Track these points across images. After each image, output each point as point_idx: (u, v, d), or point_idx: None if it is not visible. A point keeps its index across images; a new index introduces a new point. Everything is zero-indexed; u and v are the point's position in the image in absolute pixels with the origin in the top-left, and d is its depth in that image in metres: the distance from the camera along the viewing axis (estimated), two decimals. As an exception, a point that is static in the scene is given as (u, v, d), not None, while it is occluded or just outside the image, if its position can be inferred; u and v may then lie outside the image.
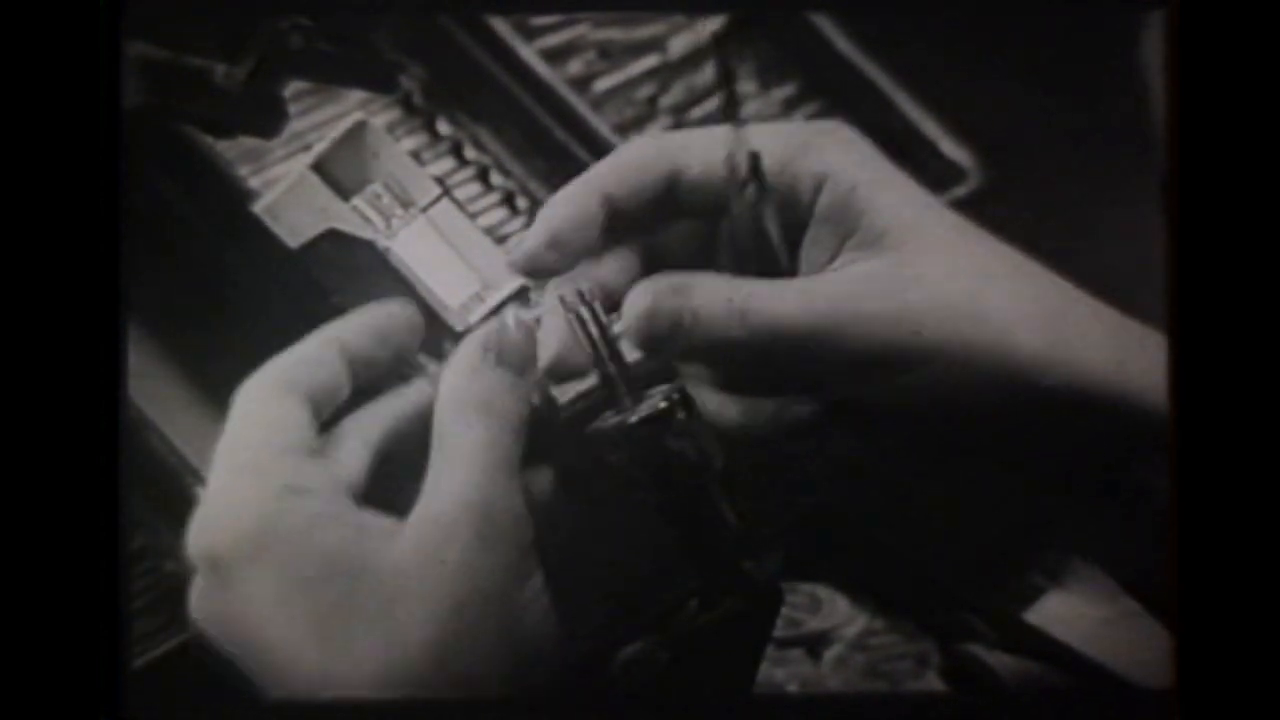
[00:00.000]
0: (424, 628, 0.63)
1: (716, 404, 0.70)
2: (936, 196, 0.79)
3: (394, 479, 0.68)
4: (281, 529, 0.64)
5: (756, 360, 0.67)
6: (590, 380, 0.70)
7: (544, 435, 0.69)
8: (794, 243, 0.69)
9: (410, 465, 0.67)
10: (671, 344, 0.67)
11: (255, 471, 0.66)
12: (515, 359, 0.67)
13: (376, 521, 0.65)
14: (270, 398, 0.68)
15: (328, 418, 0.69)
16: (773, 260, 0.68)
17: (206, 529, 0.65)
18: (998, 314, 0.66)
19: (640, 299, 0.67)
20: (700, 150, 0.69)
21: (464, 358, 0.68)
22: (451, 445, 0.66)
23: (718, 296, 0.67)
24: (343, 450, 0.68)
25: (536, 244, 0.68)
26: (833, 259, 0.68)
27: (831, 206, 0.68)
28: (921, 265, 0.67)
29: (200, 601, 0.66)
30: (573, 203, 0.68)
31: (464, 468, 0.65)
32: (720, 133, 0.68)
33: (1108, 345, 0.67)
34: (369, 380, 0.70)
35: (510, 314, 0.69)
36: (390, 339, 0.70)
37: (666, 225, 0.70)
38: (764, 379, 0.69)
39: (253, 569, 0.64)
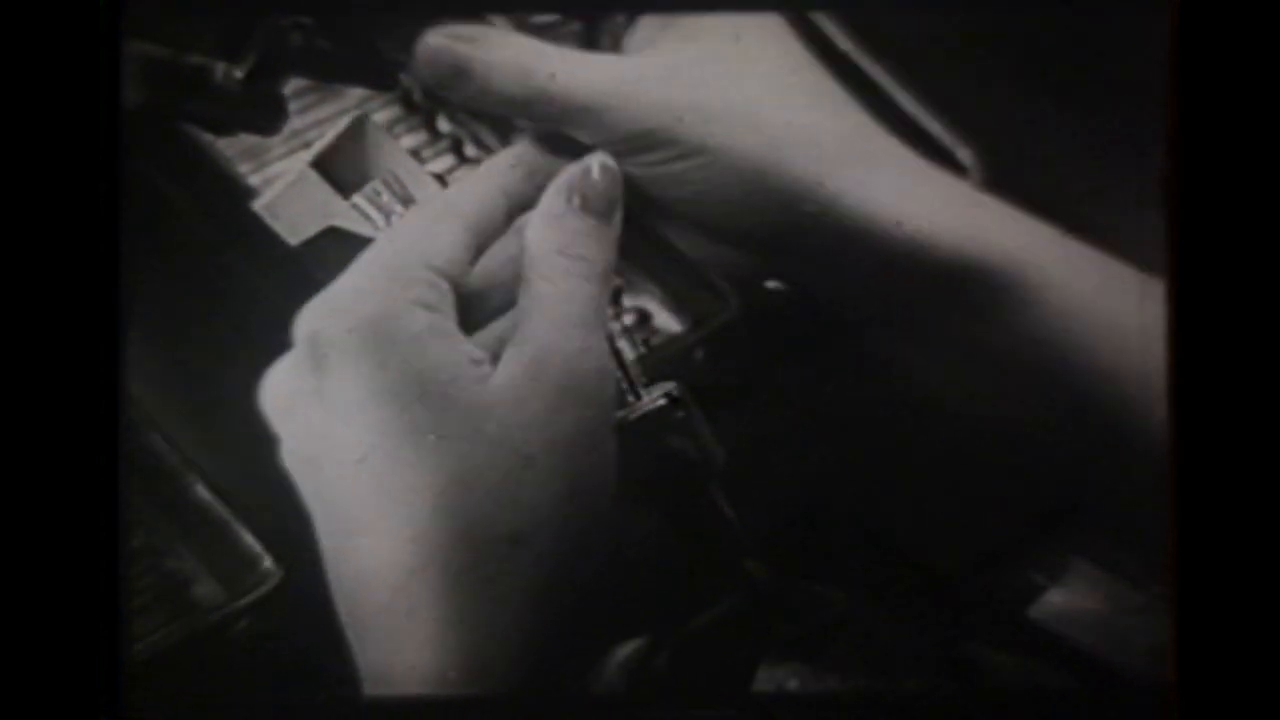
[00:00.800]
0: (490, 473, 0.63)
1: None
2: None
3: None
4: (398, 335, 0.63)
5: (532, 120, 0.69)
6: None
7: None
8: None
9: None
10: (452, 90, 0.69)
11: (393, 275, 0.65)
12: (600, 205, 0.67)
13: (480, 359, 0.65)
14: (436, 216, 0.67)
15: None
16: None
17: (321, 311, 0.65)
18: (778, 130, 0.68)
19: (434, 39, 0.69)
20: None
21: (548, 204, 0.67)
22: (536, 294, 0.65)
23: (505, 52, 0.69)
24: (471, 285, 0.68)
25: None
26: (652, 43, 0.70)
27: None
28: (720, 64, 0.69)
29: (280, 378, 0.66)
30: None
31: (547, 319, 0.65)
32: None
33: (903, 191, 0.69)
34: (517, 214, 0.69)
35: (595, 159, 0.68)
36: (537, 175, 0.69)
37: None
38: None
39: (352, 361, 0.64)
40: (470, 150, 0.93)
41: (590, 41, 0.72)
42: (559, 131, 0.69)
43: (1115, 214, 0.77)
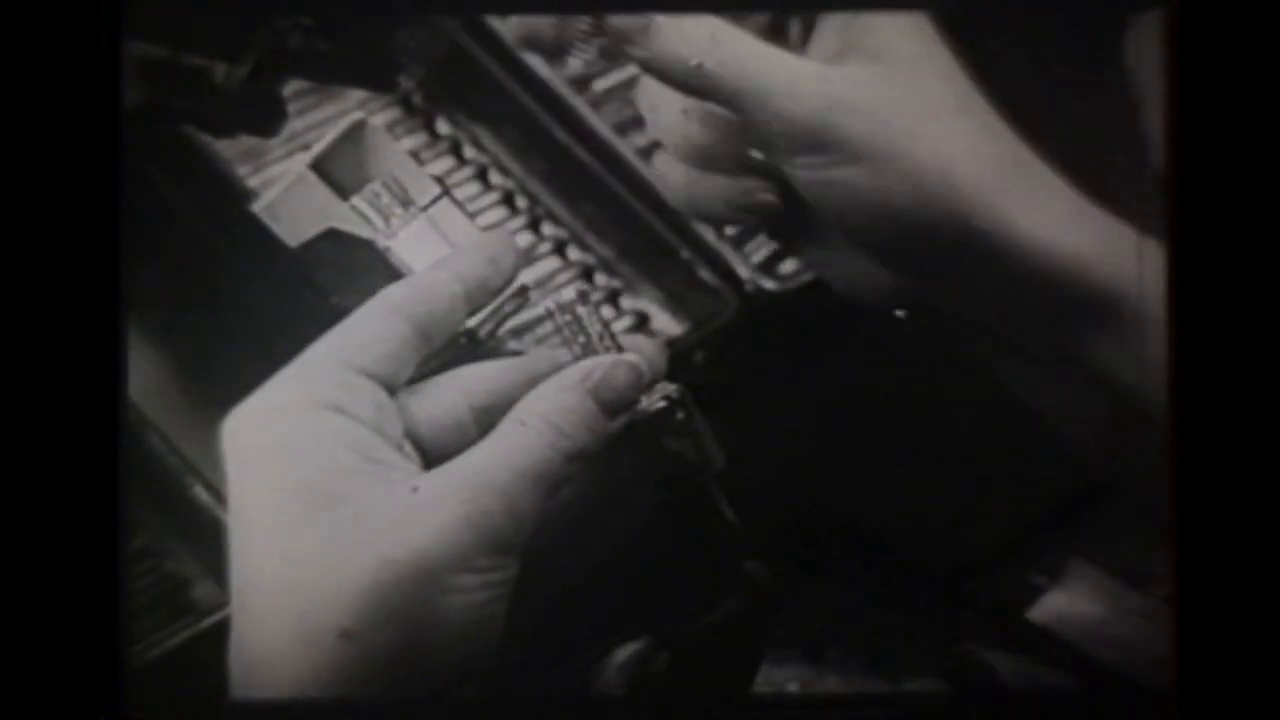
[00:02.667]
0: (370, 570, 0.62)
1: (674, 172, 0.72)
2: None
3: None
4: (300, 439, 0.63)
5: (709, 89, 0.69)
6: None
7: None
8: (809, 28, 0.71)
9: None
10: (634, 43, 0.69)
11: (309, 378, 0.65)
12: (609, 398, 0.66)
13: (406, 467, 0.64)
14: (376, 314, 0.67)
15: (437, 349, 0.68)
16: None
17: (240, 411, 0.65)
18: (952, 145, 0.69)
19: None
20: None
21: (565, 373, 0.66)
22: (501, 434, 0.65)
23: (699, 23, 0.69)
24: (432, 395, 0.67)
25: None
26: (836, 56, 0.70)
27: (844, 17, 0.70)
28: (897, 90, 0.69)
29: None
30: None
31: (499, 460, 0.64)
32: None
33: (1061, 218, 0.69)
34: (478, 307, 0.69)
35: (627, 358, 0.68)
36: (500, 261, 0.69)
37: None
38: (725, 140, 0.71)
39: (257, 462, 0.64)
40: (469, 152, 0.93)
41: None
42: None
43: (1115, 214, 0.77)
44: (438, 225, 0.72)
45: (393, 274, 0.72)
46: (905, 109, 0.69)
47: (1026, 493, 0.82)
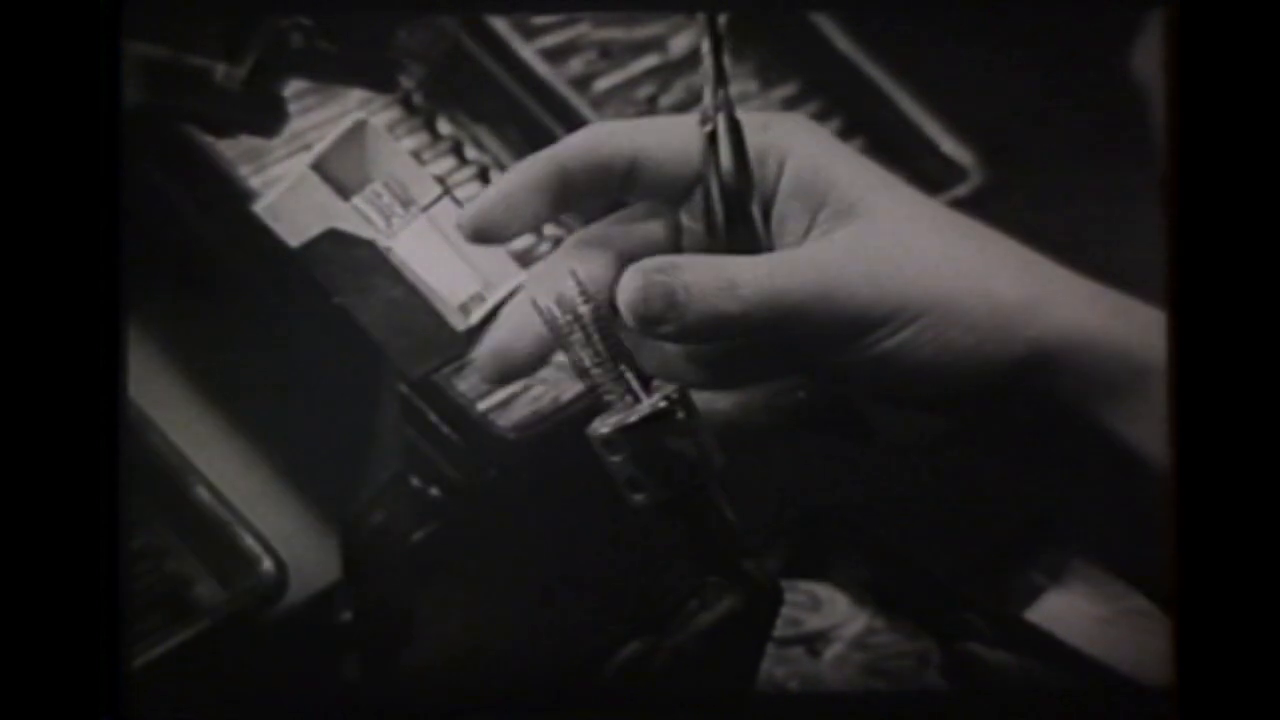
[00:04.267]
0: None
1: (707, 400, 0.70)
2: (937, 196, 0.80)
3: None
4: None
5: (749, 335, 0.68)
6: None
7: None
8: (764, 219, 0.70)
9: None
10: (667, 322, 0.68)
11: None
12: None
13: None
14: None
15: None
16: (754, 237, 0.69)
17: None
18: (976, 266, 0.68)
19: (632, 279, 0.68)
20: (668, 137, 0.70)
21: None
22: None
23: (707, 271, 0.68)
24: None
25: (487, 202, 0.68)
26: (807, 232, 0.69)
27: (798, 181, 0.69)
28: (896, 229, 0.68)
29: None
30: (527, 169, 0.69)
31: None
32: (688, 120, 0.69)
33: (1084, 298, 0.68)
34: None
35: None
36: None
37: (624, 204, 0.71)
38: (756, 358, 0.70)
39: None
40: (470, 153, 0.93)
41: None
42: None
43: (1115, 214, 0.77)
44: (439, 225, 0.72)
45: (393, 274, 0.72)
46: (915, 255, 0.68)
47: (1027, 493, 0.82)
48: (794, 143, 0.69)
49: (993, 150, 0.89)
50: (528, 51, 0.93)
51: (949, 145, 0.91)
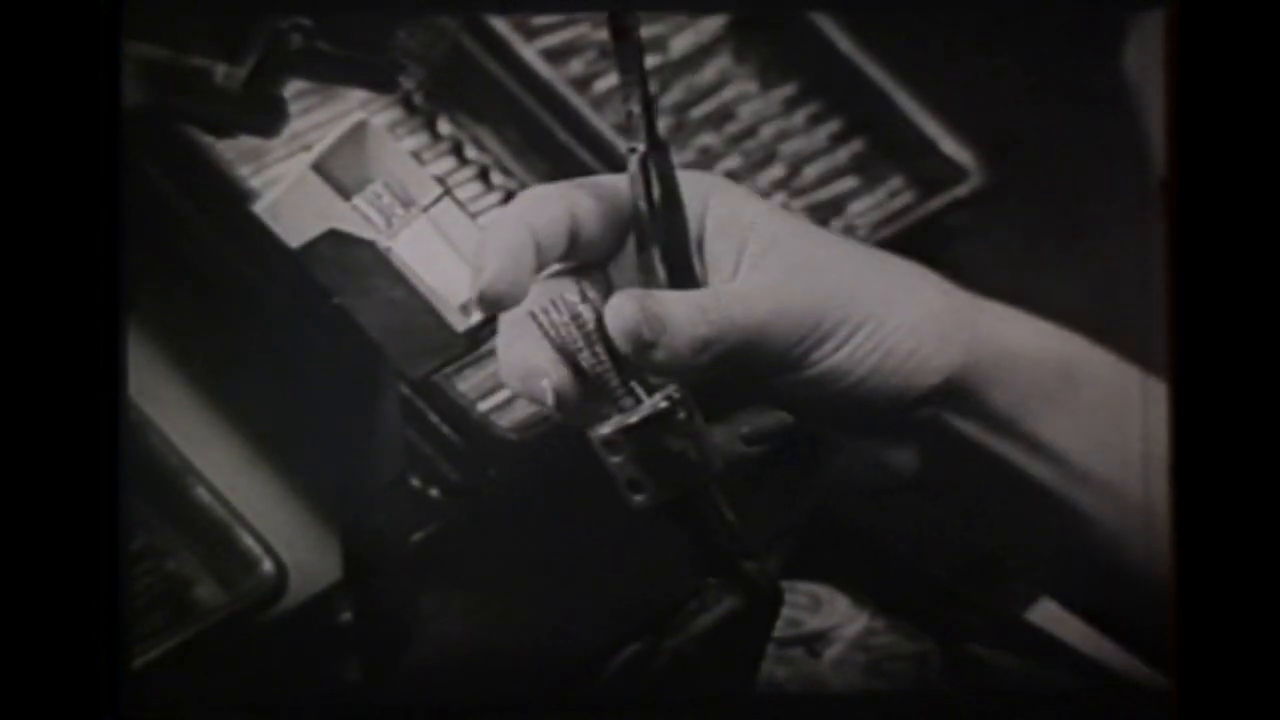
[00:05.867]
0: None
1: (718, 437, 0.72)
2: (938, 196, 0.80)
3: None
4: None
5: (718, 364, 0.70)
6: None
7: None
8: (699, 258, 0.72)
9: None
10: (658, 347, 0.69)
11: None
12: None
13: None
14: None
15: None
16: (692, 277, 0.71)
17: None
18: (904, 280, 0.72)
19: (627, 304, 0.69)
20: (600, 196, 0.72)
21: None
22: None
23: (679, 301, 0.70)
24: None
25: (493, 277, 0.69)
26: (736, 268, 0.71)
27: (720, 223, 0.71)
28: (821, 254, 0.71)
29: None
30: (507, 236, 0.70)
31: None
32: (611, 179, 0.72)
33: (1005, 313, 0.72)
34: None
35: None
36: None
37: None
38: (723, 389, 0.72)
39: None
40: (471, 153, 0.93)
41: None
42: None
43: (1115, 214, 0.77)
44: (439, 225, 0.72)
45: (394, 275, 0.72)
46: (840, 273, 0.71)
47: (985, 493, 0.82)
48: (709, 189, 0.72)
49: (993, 150, 0.89)
50: (528, 52, 0.93)
51: (949, 145, 0.91)
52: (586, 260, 0.71)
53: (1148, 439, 0.71)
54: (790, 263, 0.71)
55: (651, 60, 0.97)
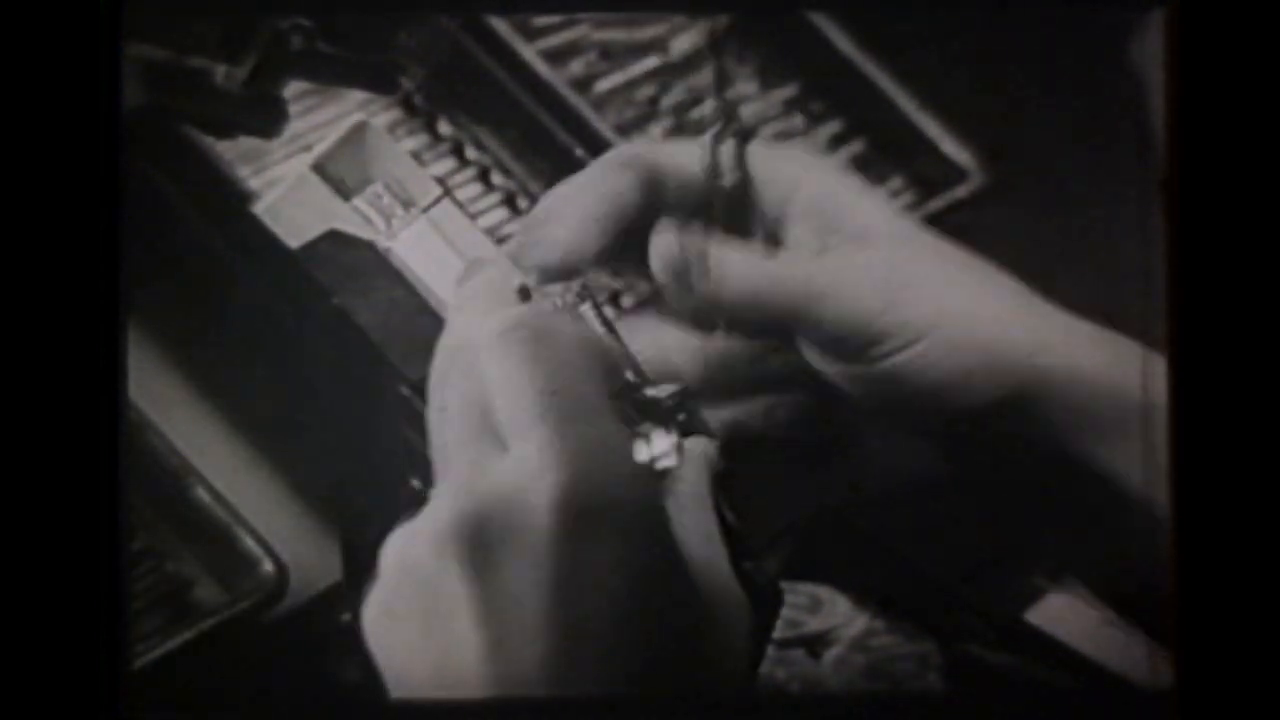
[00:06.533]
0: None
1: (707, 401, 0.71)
2: (938, 196, 0.80)
3: None
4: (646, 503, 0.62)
5: (761, 327, 0.69)
6: None
7: None
8: (776, 241, 0.71)
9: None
10: (697, 280, 0.69)
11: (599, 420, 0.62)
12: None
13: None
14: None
15: None
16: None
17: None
18: (983, 294, 0.69)
19: (666, 235, 0.69)
20: (679, 155, 0.71)
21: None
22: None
23: (736, 249, 0.69)
24: None
25: (571, 244, 0.69)
26: (824, 250, 0.70)
27: (811, 207, 0.70)
28: (908, 253, 0.69)
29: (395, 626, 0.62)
30: (588, 204, 0.70)
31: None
32: (693, 143, 0.71)
33: (1078, 336, 0.70)
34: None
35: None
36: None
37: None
38: (757, 362, 0.72)
39: (613, 539, 0.60)
40: (471, 154, 0.93)
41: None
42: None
43: (1115, 214, 0.77)
44: (439, 226, 0.72)
45: (394, 275, 0.72)
46: (924, 280, 0.69)
47: (1027, 492, 0.82)
48: (806, 170, 0.71)
49: (993, 150, 0.89)
50: (528, 53, 0.93)
51: (949, 145, 0.91)
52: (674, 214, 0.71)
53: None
54: (873, 257, 0.69)
55: (652, 61, 0.97)
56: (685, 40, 0.97)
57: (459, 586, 0.60)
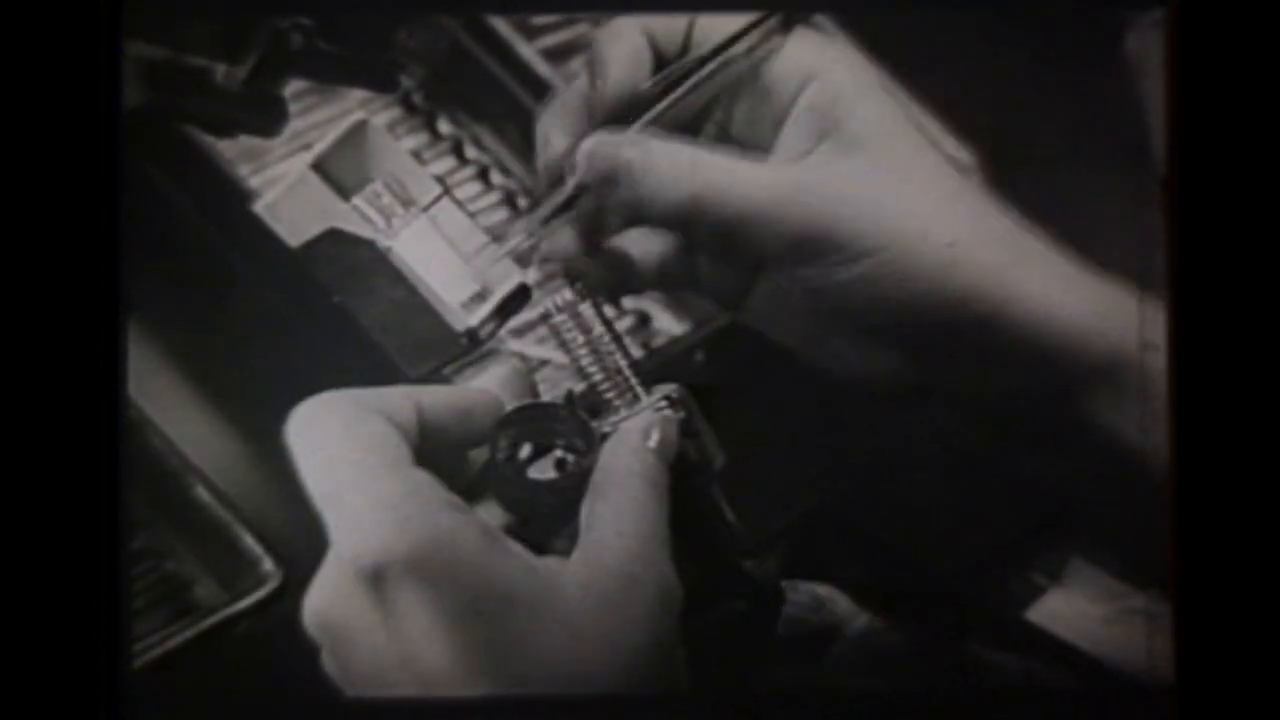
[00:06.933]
0: (601, 676, 0.62)
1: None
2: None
3: None
4: (459, 548, 0.62)
5: (699, 223, 0.69)
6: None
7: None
8: (775, 126, 0.70)
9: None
10: (616, 186, 0.69)
11: (406, 484, 0.63)
12: (668, 453, 0.67)
13: (538, 558, 0.64)
14: (360, 417, 0.65)
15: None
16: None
17: (370, 540, 0.62)
18: (953, 223, 0.69)
19: (591, 139, 0.69)
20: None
21: (631, 437, 0.67)
22: (614, 508, 0.65)
23: (675, 154, 0.69)
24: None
25: (620, 78, 0.70)
26: (806, 155, 0.69)
27: (813, 104, 0.69)
28: (890, 172, 0.69)
29: (333, 602, 0.63)
30: (628, 42, 0.70)
31: (628, 535, 0.64)
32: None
33: (1055, 286, 0.69)
34: (430, 452, 0.67)
35: (669, 417, 0.68)
36: (470, 422, 0.68)
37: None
38: (711, 261, 0.71)
39: (422, 588, 0.61)
40: (470, 152, 0.93)
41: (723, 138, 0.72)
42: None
43: (1115, 214, 0.77)
44: (439, 225, 0.72)
45: (394, 274, 0.72)
46: (896, 197, 0.69)
47: (1026, 493, 0.82)
48: (825, 66, 0.70)
49: (993, 151, 0.89)
50: (528, 51, 0.93)
51: (949, 145, 0.91)
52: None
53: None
54: (850, 168, 0.69)
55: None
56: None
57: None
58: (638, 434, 0.67)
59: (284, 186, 0.72)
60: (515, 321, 0.73)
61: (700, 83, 0.70)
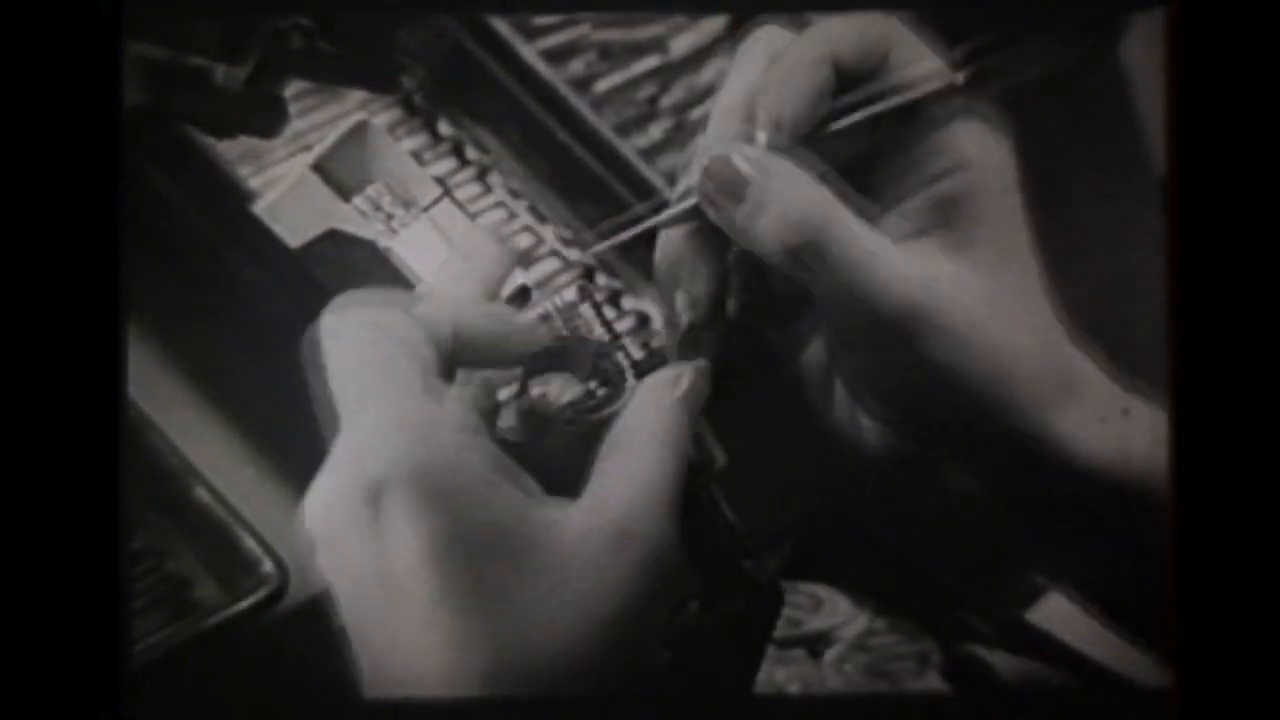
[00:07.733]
0: (578, 628, 0.61)
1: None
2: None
3: None
4: (459, 477, 0.61)
5: (800, 269, 0.67)
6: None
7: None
8: (898, 185, 0.68)
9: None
10: (722, 205, 0.67)
11: (425, 401, 0.62)
12: (696, 405, 0.67)
13: (536, 507, 0.63)
14: (392, 325, 0.63)
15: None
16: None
17: (378, 454, 0.61)
18: (1004, 344, 0.67)
19: (723, 149, 0.67)
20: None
21: (657, 390, 0.67)
22: (632, 465, 0.64)
23: (790, 194, 0.67)
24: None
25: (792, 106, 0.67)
26: (917, 235, 0.67)
27: (952, 193, 0.67)
28: (982, 283, 0.67)
29: (331, 506, 0.61)
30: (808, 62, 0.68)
31: (637, 492, 0.63)
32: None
33: (1100, 428, 0.68)
34: (461, 365, 0.67)
35: (700, 366, 0.68)
36: (505, 345, 0.67)
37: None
38: (784, 299, 0.71)
39: (413, 513, 0.60)
40: (471, 153, 0.93)
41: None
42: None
43: (1115, 215, 0.77)
44: (439, 226, 0.73)
45: (394, 275, 0.72)
46: (983, 303, 0.67)
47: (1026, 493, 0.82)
48: (980, 162, 0.68)
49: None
50: (528, 52, 0.93)
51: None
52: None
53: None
54: (951, 273, 0.67)
55: (652, 61, 0.97)
56: (685, 40, 0.97)
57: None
58: (665, 384, 0.67)
59: (284, 187, 0.72)
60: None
61: (869, 118, 0.68)
